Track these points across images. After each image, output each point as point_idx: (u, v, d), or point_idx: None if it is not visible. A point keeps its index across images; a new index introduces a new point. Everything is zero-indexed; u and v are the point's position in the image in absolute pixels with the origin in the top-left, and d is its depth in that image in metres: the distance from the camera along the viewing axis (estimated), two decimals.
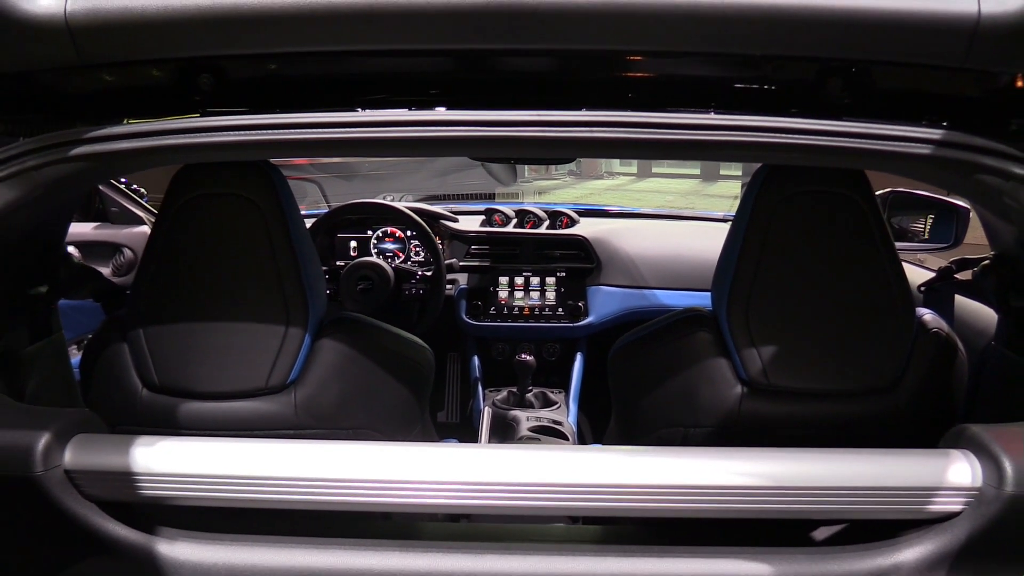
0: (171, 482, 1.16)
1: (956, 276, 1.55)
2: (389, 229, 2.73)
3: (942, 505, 1.11)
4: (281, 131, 1.10)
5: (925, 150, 1.05)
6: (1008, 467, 1.07)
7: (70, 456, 1.14)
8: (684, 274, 2.59)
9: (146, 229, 2.52)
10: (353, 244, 2.74)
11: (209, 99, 1.15)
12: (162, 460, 1.15)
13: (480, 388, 2.67)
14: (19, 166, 1.08)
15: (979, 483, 1.10)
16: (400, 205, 2.72)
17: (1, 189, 1.07)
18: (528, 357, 2.41)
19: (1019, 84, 1.07)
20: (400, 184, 3.89)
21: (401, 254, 2.73)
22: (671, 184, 11.16)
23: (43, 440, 1.12)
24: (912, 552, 1.11)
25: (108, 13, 0.99)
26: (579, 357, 2.72)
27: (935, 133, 1.05)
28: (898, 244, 2.17)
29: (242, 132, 1.10)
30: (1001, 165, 1.04)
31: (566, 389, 2.66)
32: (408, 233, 2.72)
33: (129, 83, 1.18)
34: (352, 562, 1.13)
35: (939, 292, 1.62)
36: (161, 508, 1.19)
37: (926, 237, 2.29)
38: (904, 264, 1.87)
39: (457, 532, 1.51)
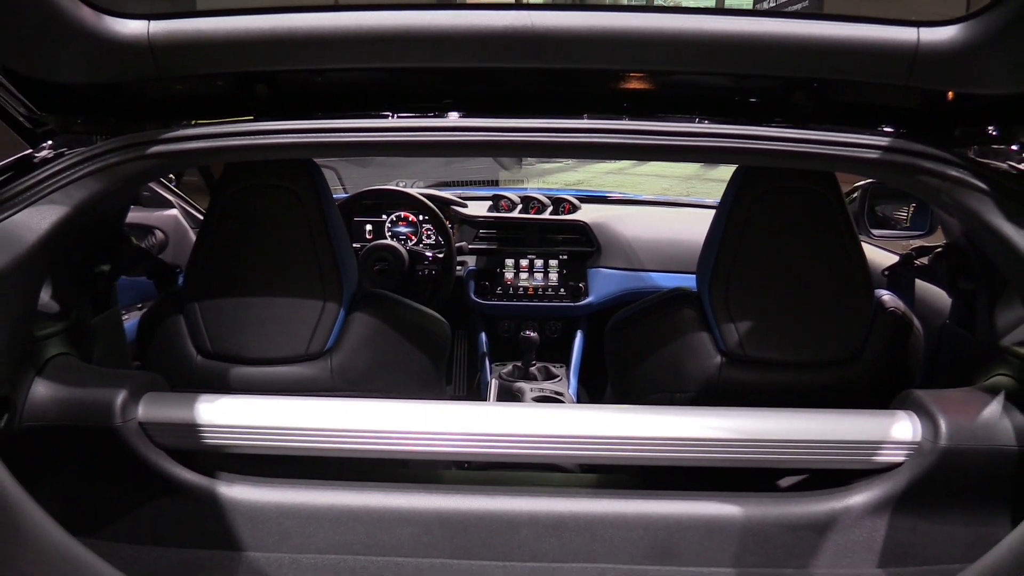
0: (227, 434, 1.35)
1: (916, 262, 1.73)
2: (403, 213, 2.91)
3: (887, 457, 1.31)
4: (324, 135, 1.29)
5: (874, 155, 1.24)
6: (943, 424, 1.26)
7: (143, 410, 1.34)
8: (678, 257, 2.76)
9: (175, 212, 2.69)
10: (369, 227, 2.92)
11: (263, 106, 1.34)
12: (220, 415, 1.35)
13: (488, 362, 2.86)
14: (104, 162, 1.26)
15: (919, 438, 1.29)
16: (413, 191, 2.90)
17: (89, 182, 1.26)
18: (532, 334, 2.59)
19: (951, 99, 1.25)
20: (411, 171, 4.05)
21: (414, 237, 2.91)
22: (671, 168, 11.28)
23: (121, 396, 1.31)
24: (861, 497, 1.31)
25: (184, 35, 1.17)
26: (579, 334, 2.90)
27: (883, 140, 1.24)
28: (880, 231, 2.35)
29: (290, 135, 1.29)
30: (938, 168, 1.22)
31: (567, 363, 2.85)
32: (421, 217, 2.89)
33: (196, 92, 1.36)
34: (378, 501, 1.33)
35: (901, 276, 1.80)
36: (219, 456, 1.39)
37: (907, 225, 2.45)
38: (876, 249, 2.07)
39: (469, 478, 1.72)
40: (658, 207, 3.29)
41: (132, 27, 1.16)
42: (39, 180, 1.23)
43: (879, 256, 2.14)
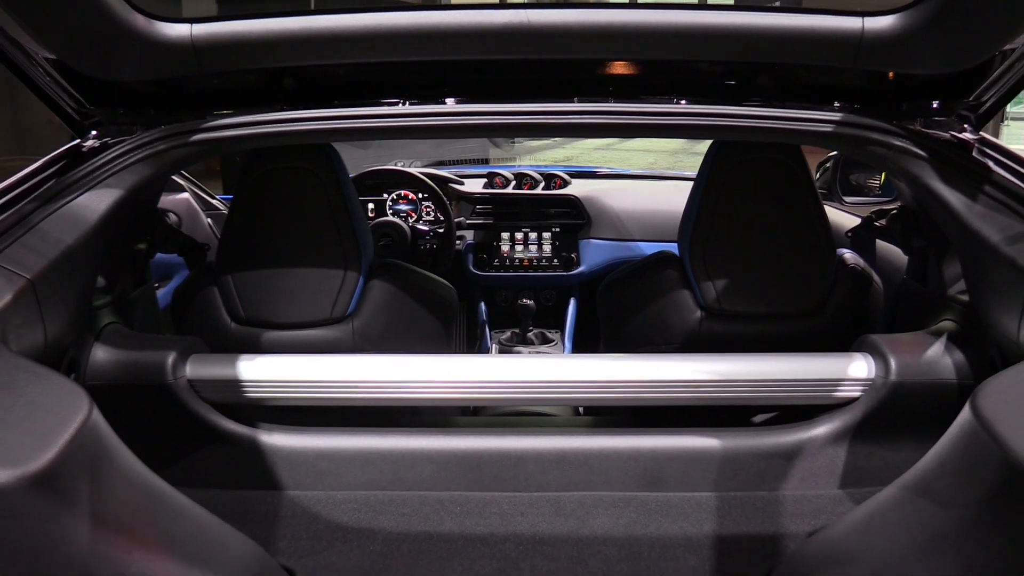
0: (265, 388, 1.53)
1: (876, 223, 1.91)
2: (403, 192, 3.07)
3: (845, 393, 1.50)
4: (343, 121, 1.46)
5: (829, 128, 1.42)
6: (893, 363, 1.45)
7: (190, 369, 1.51)
8: (664, 227, 2.93)
9: (187, 195, 2.84)
10: (371, 206, 3.08)
11: (290, 97, 1.50)
12: (258, 372, 1.53)
13: (487, 330, 3.04)
14: (152, 150, 1.43)
15: (872, 375, 1.48)
16: (414, 170, 3.06)
17: (139, 167, 1.43)
18: (528, 302, 2.77)
19: (895, 78, 1.42)
20: (407, 152, 4.21)
21: (414, 214, 3.07)
22: (657, 143, 11.45)
23: (171, 357, 1.49)
24: (823, 429, 1.50)
25: (222, 36, 1.34)
26: (572, 302, 3.08)
27: (836, 116, 1.42)
28: (853, 198, 2.53)
29: (313, 122, 1.46)
30: (884, 139, 1.40)
31: (562, 329, 3.03)
32: (420, 195, 3.06)
33: (232, 86, 1.53)
34: (401, 443, 1.52)
35: (862, 237, 1.98)
36: (258, 408, 1.57)
37: (879, 192, 2.62)
38: (843, 214, 2.25)
39: (481, 421, 1.91)
40: (645, 180, 3.46)
41: (177, 30, 1.32)
42: (98, 166, 1.40)
43: (846, 220, 2.32)
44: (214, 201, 2.97)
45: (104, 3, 1.22)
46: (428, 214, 3.07)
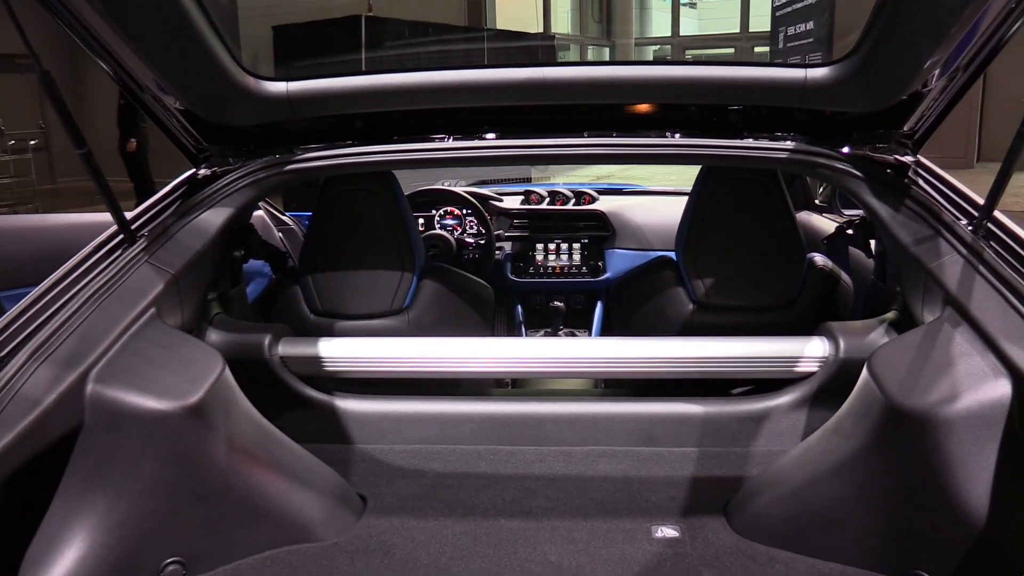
0: (339, 364, 1.93)
1: (847, 232, 2.25)
2: (449, 208, 3.47)
3: (804, 368, 1.85)
4: (401, 154, 1.87)
5: (786, 155, 1.78)
6: (842, 344, 1.80)
7: (282, 348, 1.93)
8: None
9: (261, 212, 3.26)
10: (421, 221, 3.49)
11: (359, 135, 1.92)
12: (334, 351, 1.93)
13: (523, 330, 3.43)
14: (255, 177, 1.86)
15: (826, 354, 1.83)
16: (458, 189, 3.47)
17: (246, 191, 1.85)
18: (560, 304, 3.14)
19: (835, 115, 1.78)
20: (453, 173, 4.64)
21: (459, 228, 3.47)
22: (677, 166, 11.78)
23: (268, 339, 1.90)
24: (787, 397, 1.85)
25: (311, 90, 1.76)
26: (599, 305, 3.44)
27: (791, 145, 1.78)
28: (850, 211, 2.87)
29: (379, 155, 1.87)
30: (828, 163, 1.76)
31: (589, 329, 3.40)
32: (464, 211, 3.46)
33: (316, 128, 1.95)
34: (447, 408, 1.90)
35: (836, 244, 2.32)
36: (333, 380, 1.97)
37: None
38: (827, 222, 2.59)
39: (510, 392, 2.29)
40: (663, 196, 3.81)
41: (277, 87, 1.74)
42: (216, 190, 1.83)
43: (827, 228, 2.65)
44: (283, 217, 3.42)
45: (226, 68, 1.64)
46: (471, 228, 3.46)
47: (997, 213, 1.57)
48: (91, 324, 1.43)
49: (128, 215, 1.72)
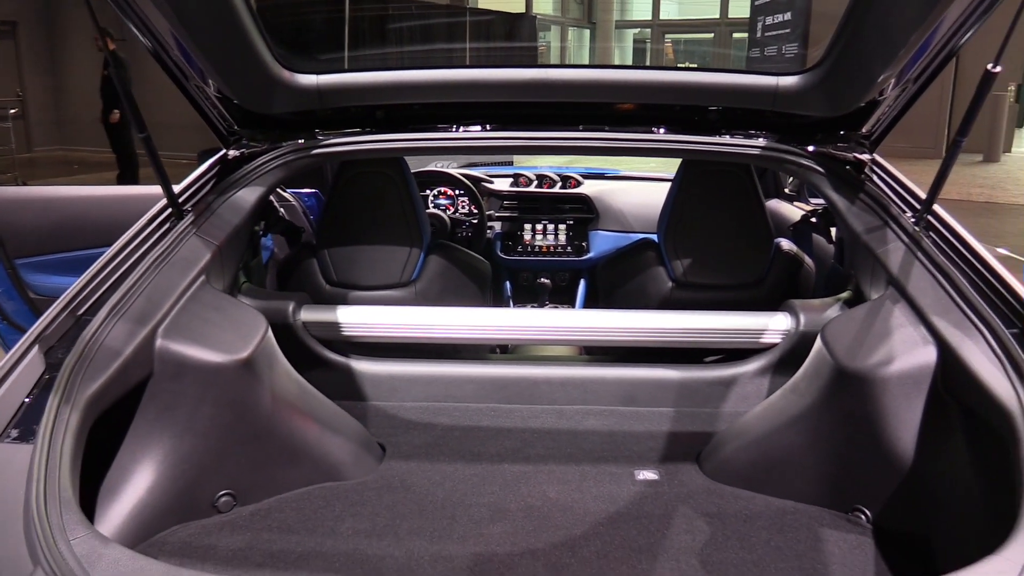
0: (354, 329, 2.15)
1: (811, 220, 2.50)
2: (443, 189, 3.68)
3: (769, 339, 2.10)
4: (414, 142, 2.08)
5: (758, 152, 2.02)
6: (802, 318, 2.05)
7: (303, 315, 2.14)
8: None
9: None
10: None
11: (380, 124, 2.12)
12: (349, 318, 2.15)
13: (511, 304, 3.66)
14: (284, 160, 2.06)
15: (788, 327, 2.08)
16: (452, 171, 3.68)
17: (276, 171, 2.06)
18: (546, 281, 3.37)
19: (807, 117, 2.01)
20: (447, 155, 4.85)
21: (452, 208, 3.68)
22: None
23: (291, 306, 2.12)
24: (753, 365, 2.10)
25: (339, 83, 1.96)
26: (583, 282, 3.68)
27: (762, 143, 2.02)
28: (816, 200, 3.11)
29: (393, 142, 2.08)
30: (794, 159, 2.00)
31: (572, 305, 3.64)
32: (457, 192, 3.67)
33: (340, 116, 2.15)
34: (451, 370, 2.13)
35: (801, 230, 2.58)
36: (349, 344, 2.19)
37: None
38: (796, 210, 2.84)
39: (508, 356, 2.53)
40: (645, 182, 4.05)
41: (309, 79, 1.94)
42: (250, 170, 2.03)
43: (795, 216, 2.91)
44: (284, 194, 3.61)
45: (265, 61, 1.84)
46: (464, 208, 3.68)
47: (937, 208, 1.82)
48: (155, 288, 1.64)
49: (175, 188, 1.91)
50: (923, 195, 1.85)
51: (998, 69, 1.53)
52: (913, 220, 1.83)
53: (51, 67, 14.21)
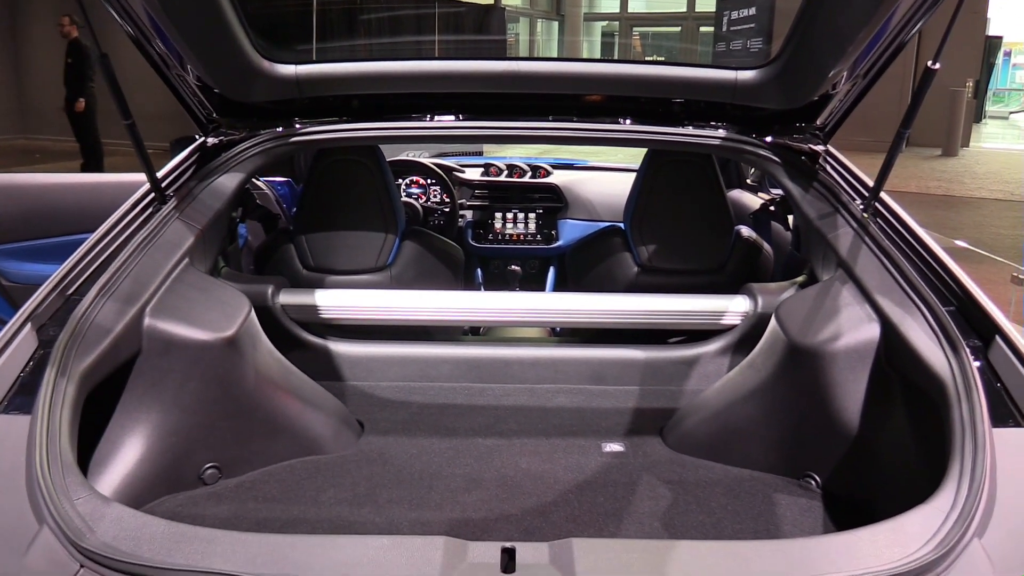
0: (331, 312, 2.22)
1: (769, 208, 2.62)
2: (415, 178, 3.75)
3: (729, 321, 2.21)
4: (388, 130, 2.16)
5: (718, 142, 2.13)
6: (760, 300, 2.16)
7: (282, 298, 2.21)
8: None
9: None
10: None
11: (355, 113, 2.19)
12: (327, 302, 2.22)
13: (482, 291, 3.75)
14: (264, 147, 2.12)
15: (747, 310, 2.19)
16: (424, 160, 3.74)
17: (255, 158, 2.12)
18: (516, 268, 3.46)
19: (764, 110, 2.12)
20: (416, 145, 4.91)
21: (424, 196, 3.75)
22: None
23: (270, 289, 2.18)
24: (714, 345, 2.22)
25: (317, 73, 2.03)
26: (552, 270, 3.78)
27: (722, 134, 2.12)
28: (776, 189, 3.23)
29: (368, 131, 2.16)
30: (753, 150, 2.11)
31: (542, 291, 3.74)
32: (429, 181, 3.74)
33: (317, 106, 2.21)
34: (422, 351, 2.21)
35: (760, 218, 2.70)
36: (326, 326, 2.26)
37: None
38: (756, 200, 2.96)
39: (482, 338, 2.62)
40: (612, 172, 4.15)
41: (288, 68, 2.01)
42: (230, 157, 2.09)
43: (755, 205, 3.03)
44: (257, 182, 3.65)
45: (245, 50, 1.90)
46: (435, 196, 3.75)
47: (884, 196, 1.94)
48: (141, 269, 1.70)
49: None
50: (872, 184, 1.97)
51: (937, 66, 1.64)
52: (862, 207, 1.95)
53: (12, 54, 13.96)
